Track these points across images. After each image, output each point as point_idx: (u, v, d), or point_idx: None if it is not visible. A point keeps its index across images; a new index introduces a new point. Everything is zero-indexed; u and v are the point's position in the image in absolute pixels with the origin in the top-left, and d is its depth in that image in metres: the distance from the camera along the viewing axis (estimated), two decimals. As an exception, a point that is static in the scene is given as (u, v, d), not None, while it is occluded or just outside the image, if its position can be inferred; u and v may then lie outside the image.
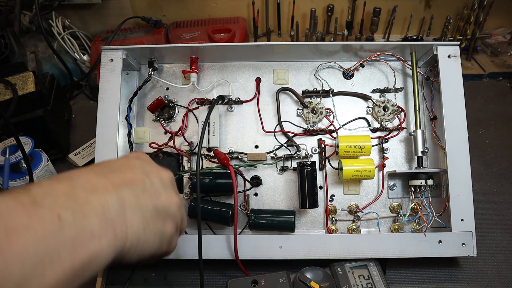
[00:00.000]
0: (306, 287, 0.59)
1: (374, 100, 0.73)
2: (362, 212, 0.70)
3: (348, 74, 0.74)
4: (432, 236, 0.63)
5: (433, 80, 0.73)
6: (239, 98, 0.73)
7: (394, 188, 0.71)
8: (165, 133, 0.73)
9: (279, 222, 0.66)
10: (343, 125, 0.72)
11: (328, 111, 0.72)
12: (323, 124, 0.72)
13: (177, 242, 0.42)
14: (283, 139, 0.72)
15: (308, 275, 0.60)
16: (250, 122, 0.73)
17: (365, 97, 0.74)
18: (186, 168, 0.71)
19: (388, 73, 0.74)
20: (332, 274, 0.62)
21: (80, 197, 0.27)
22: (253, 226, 0.67)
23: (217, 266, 0.68)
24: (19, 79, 0.78)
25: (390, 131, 0.72)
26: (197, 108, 0.73)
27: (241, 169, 0.70)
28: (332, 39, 1.06)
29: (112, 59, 0.69)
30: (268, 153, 0.71)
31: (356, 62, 0.74)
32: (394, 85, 0.73)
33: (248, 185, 0.70)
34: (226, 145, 0.72)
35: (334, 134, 0.71)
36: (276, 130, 0.72)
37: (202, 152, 0.71)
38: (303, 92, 0.73)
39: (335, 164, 0.70)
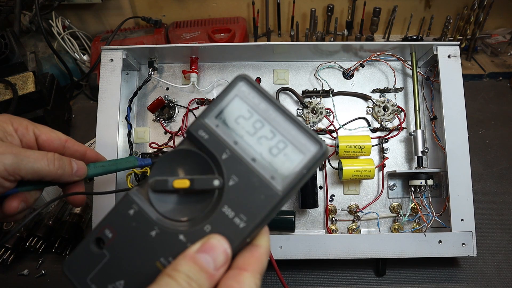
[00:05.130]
0: (172, 193, 0.33)
1: (374, 100, 0.73)
2: (362, 212, 0.70)
3: (348, 74, 0.74)
4: (432, 236, 0.63)
5: (433, 80, 0.73)
6: (239, 98, 0.73)
7: (394, 188, 0.71)
8: (165, 133, 0.73)
9: (279, 222, 0.66)
10: (343, 125, 0.72)
11: (328, 111, 0.72)
12: (323, 124, 0.72)
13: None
14: (283, 139, 0.72)
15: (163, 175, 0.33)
16: (250, 122, 0.73)
17: (365, 97, 0.74)
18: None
19: (388, 73, 0.74)
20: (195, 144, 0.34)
21: None
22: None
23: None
24: (19, 79, 0.78)
25: (390, 131, 0.72)
26: (197, 108, 0.73)
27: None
28: (332, 39, 1.05)
29: (112, 59, 0.69)
30: (268, 153, 0.71)
31: (356, 62, 0.74)
32: (394, 85, 0.73)
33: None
34: (226, 145, 0.72)
35: (334, 134, 0.71)
36: (276, 130, 0.72)
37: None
38: (303, 92, 0.73)
39: (335, 164, 0.70)
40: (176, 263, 0.29)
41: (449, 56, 0.69)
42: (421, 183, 0.67)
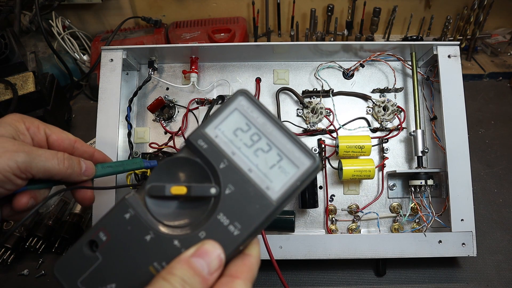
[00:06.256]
0: (168, 199, 0.33)
1: (374, 100, 0.73)
2: (362, 212, 0.70)
3: (348, 74, 0.74)
4: (432, 236, 0.63)
5: (433, 80, 0.73)
6: (239, 98, 0.73)
7: (394, 188, 0.71)
8: (165, 133, 0.73)
9: (279, 222, 0.66)
10: (343, 125, 0.72)
11: (328, 111, 0.72)
12: (323, 124, 0.72)
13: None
14: (283, 139, 0.72)
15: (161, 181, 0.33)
16: (250, 122, 0.73)
17: (365, 97, 0.74)
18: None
19: (388, 73, 0.74)
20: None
21: None
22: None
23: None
24: (19, 79, 0.78)
25: (390, 131, 0.72)
26: (197, 108, 0.73)
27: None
28: (332, 39, 1.05)
29: (112, 59, 0.69)
30: (268, 153, 0.71)
31: (356, 62, 0.74)
32: (394, 85, 0.73)
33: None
34: (226, 145, 0.72)
35: (334, 134, 0.71)
36: (276, 130, 0.72)
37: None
38: (303, 92, 0.73)
39: (335, 164, 0.70)
40: (171, 267, 0.29)
41: (449, 56, 0.69)
42: (421, 183, 0.67)
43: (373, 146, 0.70)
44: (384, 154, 0.71)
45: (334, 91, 0.73)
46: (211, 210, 0.31)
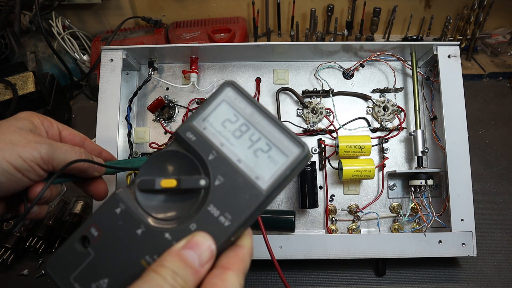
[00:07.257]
0: (158, 193, 0.33)
1: (374, 100, 0.73)
2: (362, 212, 0.70)
3: (348, 74, 0.74)
4: (432, 236, 0.63)
5: (433, 80, 0.73)
6: (239, 98, 0.73)
7: (394, 188, 0.71)
8: (165, 133, 0.73)
9: (279, 222, 0.66)
10: (343, 125, 0.72)
11: (328, 111, 0.72)
12: (323, 124, 0.72)
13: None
14: (283, 139, 0.72)
15: (151, 175, 0.33)
16: (250, 122, 0.73)
17: (365, 97, 0.74)
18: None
19: (388, 73, 0.74)
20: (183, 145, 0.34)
21: None
22: (253, 226, 0.66)
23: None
24: (19, 79, 0.78)
25: (390, 131, 0.72)
26: (197, 108, 0.73)
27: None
28: (332, 39, 1.05)
29: (112, 59, 0.69)
30: (268, 153, 0.71)
31: (356, 62, 0.74)
32: (394, 85, 0.73)
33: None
34: (226, 145, 0.72)
35: (334, 134, 0.71)
36: (276, 130, 0.72)
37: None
38: (303, 92, 0.73)
39: (335, 164, 0.70)
40: (162, 259, 0.29)
41: (449, 56, 0.69)
42: (421, 183, 0.67)
43: (373, 146, 0.70)
44: (384, 154, 0.71)
45: (334, 91, 0.73)
46: (201, 202, 0.31)
